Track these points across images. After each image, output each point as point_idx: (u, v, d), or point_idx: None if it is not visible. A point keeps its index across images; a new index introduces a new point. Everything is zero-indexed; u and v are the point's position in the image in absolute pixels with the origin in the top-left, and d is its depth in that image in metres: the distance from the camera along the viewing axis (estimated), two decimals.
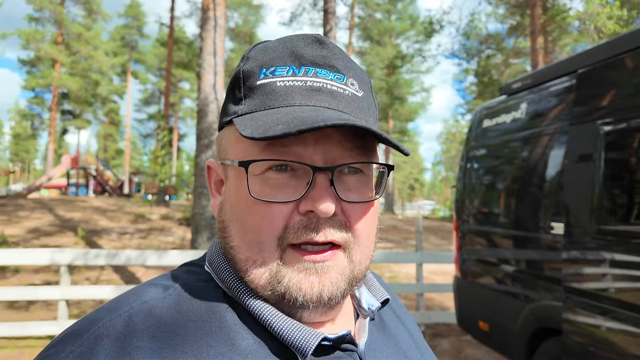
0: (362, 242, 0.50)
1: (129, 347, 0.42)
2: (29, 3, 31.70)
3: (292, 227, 0.47)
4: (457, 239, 3.92)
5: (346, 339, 0.50)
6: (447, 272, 9.42)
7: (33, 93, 38.09)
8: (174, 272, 0.56)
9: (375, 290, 0.61)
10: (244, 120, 0.49)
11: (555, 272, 2.65)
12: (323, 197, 0.46)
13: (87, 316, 0.47)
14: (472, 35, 18.89)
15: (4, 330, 4.21)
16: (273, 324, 0.48)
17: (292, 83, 0.50)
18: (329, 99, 0.50)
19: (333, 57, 0.52)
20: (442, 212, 35.22)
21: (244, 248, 0.49)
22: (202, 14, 6.37)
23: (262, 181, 0.48)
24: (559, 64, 2.93)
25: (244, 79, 0.52)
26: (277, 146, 0.47)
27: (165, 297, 0.49)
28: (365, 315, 0.58)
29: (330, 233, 0.47)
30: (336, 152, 0.48)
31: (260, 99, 0.50)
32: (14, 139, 56.41)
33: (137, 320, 0.45)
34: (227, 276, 0.52)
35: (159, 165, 15.26)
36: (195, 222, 6.18)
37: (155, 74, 41.26)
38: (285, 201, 0.47)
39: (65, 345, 0.43)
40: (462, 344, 4.87)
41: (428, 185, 77.61)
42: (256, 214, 0.47)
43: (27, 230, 10.57)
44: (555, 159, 2.80)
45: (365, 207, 0.51)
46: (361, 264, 0.51)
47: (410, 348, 0.62)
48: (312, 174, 0.46)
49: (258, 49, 0.54)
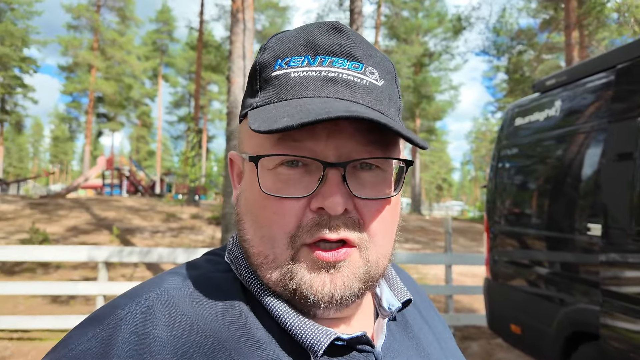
0: (377, 241, 0.48)
1: (145, 333, 0.43)
2: (67, 12, 33.23)
3: (305, 226, 0.45)
4: (488, 240, 3.84)
5: (361, 340, 0.49)
6: (477, 274, 9.22)
7: (71, 97, 39.86)
8: (196, 261, 0.57)
9: (398, 289, 0.59)
10: (255, 113, 0.47)
11: (592, 275, 2.56)
12: (333, 193, 0.44)
13: (109, 302, 0.48)
14: (503, 31, 18.37)
15: (48, 322, 4.44)
16: (285, 320, 0.47)
17: (306, 73, 0.48)
18: (344, 90, 0.47)
19: (351, 44, 0.49)
20: (472, 213, 34.42)
21: (256, 242, 0.48)
22: (232, 17, 6.49)
23: (274, 176, 0.47)
24: (597, 59, 2.83)
25: (260, 70, 0.51)
26: (289, 140, 0.46)
27: (184, 287, 0.49)
28: (385, 316, 0.56)
29: (342, 230, 0.45)
30: (349, 147, 0.46)
31: (274, 90, 0.49)
32: (54, 141, 59.22)
33: (155, 308, 0.46)
34: (243, 269, 0.52)
35: (189, 166, 15.63)
36: (225, 221, 6.31)
37: (185, 77, 42.31)
38: (296, 197, 0.46)
39: (88, 329, 0.44)
40: (492, 347, 4.77)
41: (457, 186, 76.04)
42: (268, 209, 0.47)
43: (67, 229, 11.08)
44: (591, 158, 2.70)
45: (381, 204, 0.48)
46: (378, 264, 0.49)
47: (434, 350, 0.59)
48: (323, 170, 0.45)
49: (276, 39, 0.53)
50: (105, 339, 0.43)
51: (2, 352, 4.23)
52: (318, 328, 0.46)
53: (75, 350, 0.42)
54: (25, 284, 4.56)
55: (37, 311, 5.49)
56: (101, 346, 0.42)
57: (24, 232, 10.07)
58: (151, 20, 40.92)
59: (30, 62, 36.06)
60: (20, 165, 60.92)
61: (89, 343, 0.43)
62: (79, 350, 0.42)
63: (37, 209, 13.14)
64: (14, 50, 32.72)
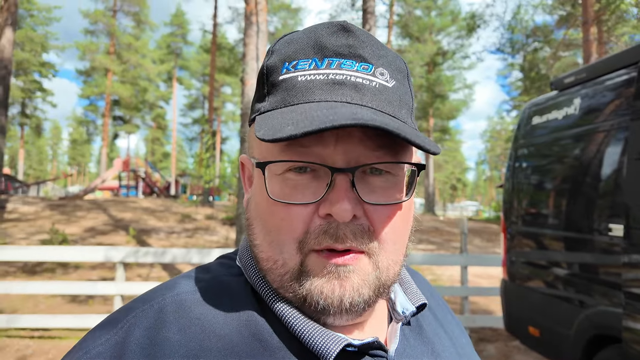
0: (387, 247, 0.47)
1: (158, 337, 0.43)
2: (85, 17, 33.97)
3: (313, 232, 0.45)
4: (505, 240, 3.78)
5: (374, 346, 0.48)
6: (493, 276, 9.09)
7: (88, 101, 40.73)
8: (208, 264, 0.57)
9: (412, 293, 0.57)
10: (262, 120, 0.46)
11: (614, 277, 2.50)
12: (341, 199, 0.43)
13: (124, 306, 0.49)
14: (518, 29, 18.09)
15: (67, 321, 4.53)
16: (295, 326, 0.46)
17: (313, 77, 0.47)
18: (352, 93, 0.46)
19: (360, 45, 0.48)
20: (487, 214, 33.97)
21: (265, 247, 0.48)
22: (245, 20, 6.54)
23: (282, 182, 0.46)
24: (618, 56, 2.76)
25: (267, 74, 0.50)
26: (296, 146, 0.45)
27: (196, 290, 0.49)
28: (399, 320, 0.55)
29: (349, 240, 0.44)
30: (358, 152, 0.45)
31: (281, 95, 0.48)
32: (72, 144, 60.52)
33: (167, 311, 0.46)
34: (252, 273, 0.52)
35: (203, 167, 15.81)
36: (239, 221, 6.36)
37: (199, 80, 42.81)
38: (304, 203, 0.45)
39: (102, 332, 0.45)
40: (509, 349, 4.69)
41: (471, 185, 75.15)
42: (276, 215, 0.46)
43: (85, 229, 11.30)
44: (612, 157, 2.64)
45: (392, 209, 0.47)
46: (389, 270, 0.48)
47: (449, 355, 0.57)
48: (331, 176, 0.44)
49: (283, 41, 0.51)
50: (119, 343, 0.43)
51: (23, 351, 4.33)
52: (328, 334, 0.46)
53: (90, 353, 0.43)
54: (45, 284, 4.67)
55: (57, 310, 5.62)
56: (115, 349, 0.43)
57: (44, 232, 10.32)
58: (166, 24, 41.53)
59: (49, 67, 36.97)
60: (40, 167, 62.44)
61: (104, 346, 0.43)
62: (94, 353, 0.43)
63: (56, 210, 13.45)
64: (33, 55, 33.59)
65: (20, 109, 38.71)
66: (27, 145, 54.51)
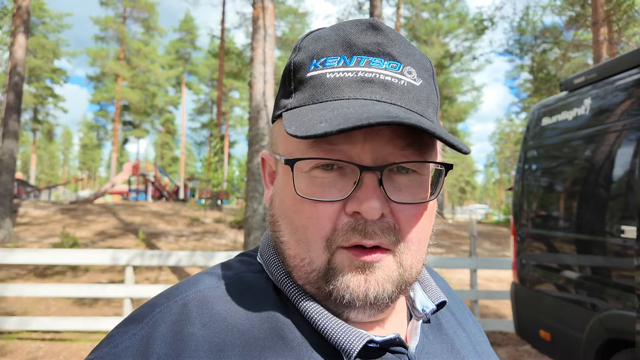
0: (412, 246, 0.47)
1: (182, 332, 0.44)
2: (95, 24, 34.49)
3: (341, 230, 0.45)
4: (515, 243, 3.74)
5: (395, 342, 0.48)
6: (503, 279, 8.99)
7: (99, 106, 41.27)
8: (230, 261, 0.57)
9: (432, 291, 0.58)
10: (291, 116, 0.47)
11: (627, 279, 2.46)
12: (369, 198, 0.43)
13: (148, 302, 0.50)
14: (527, 30, 17.97)
15: (78, 324, 4.58)
16: (318, 322, 0.47)
17: (342, 74, 0.47)
18: (382, 91, 0.46)
19: (389, 43, 0.48)
20: (496, 217, 33.65)
21: (292, 244, 0.48)
22: (253, 24, 6.59)
23: (309, 179, 0.46)
24: (628, 56, 2.72)
25: (295, 71, 0.50)
26: (324, 144, 0.45)
27: (219, 286, 0.50)
28: (419, 317, 0.55)
29: (378, 236, 0.45)
30: (386, 150, 0.45)
31: (309, 92, 0.48)
32: (82, 149, 61.34)
33: (191, 307, 0.47)
34: (275, 269, 0.52)
35: (212, 171, 15.90)
36: (247, 225, 6.37)
37: (207, 85, 43.15)
38: (331, 200, 0.45)
39: (128, 327, 0.46)
40: (520, 353, 4.63)
41: (480, 188, 74.55)
42: (302, 213, 0.46)
43: (95, 233, 11.42)
44: (624, 158, 2.60)
45: (418, 209, 0.47)
46: (412, 269, 0.48)
47: (468, 353, 0.57)
48: (359, 174, 0.44)
49: (310, 38, 0.52)
50: (145, 337, 0.44)
51: (34, 353, 4.38)
52: (351, 330, 0.46)
53: (117, 347, 0.44)
54: (56, 287, 4.72)
55: (67, 313, 5.67)
56: (141, 344, 0.44)
57: (55, 236, 10.45)
58: (174, 30, 41.99)
59: (61, 73, 37.56)
60: (51, 172, 63.32)
61: (130, 341, 0.44)
62: (121, 347, 0.44)
63: (67, 214, 13.61)
64: (45, 62, 34.16)
65: (32, 114, 39.34)
66: (39, 151, 55.34)
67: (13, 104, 9.86)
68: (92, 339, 4.78)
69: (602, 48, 12.69)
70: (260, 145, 6.36)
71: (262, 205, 6.30)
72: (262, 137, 6.41)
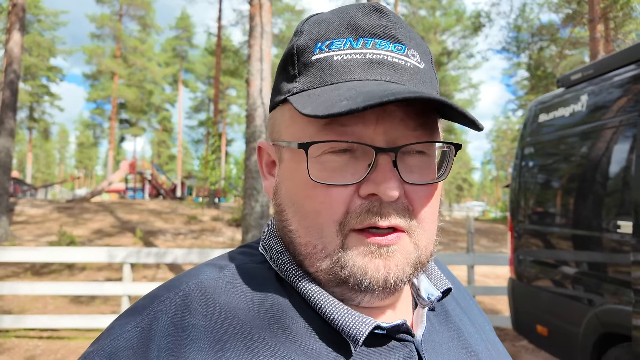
0: (426, 226, 0.48)
1: (183, 323, 0.44)
2: (91, 21, 34.30)
3: (354, 212, 0.44)
4: (512, 239, 3.75)
5: (401, 329, 0.47)
6: (500, 275, 9.04)
7: (95, 104, 41.11)
8: (230, 253, 0.56)
9: (437, 279, 0.57)
10: (301, 98, 0.46)
11: (624, 275, 2.47)
12: (387, 179, 0.43)
13: (148, 294, 0.49)
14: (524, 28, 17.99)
15: (75, 322, 4.57)
16: (325, 308, 0.46)
17: (350, 56, 0.46)
18: (391, 72, 0.46)
19: (393, 26, 0.48)
20: (494, 214, 33.77)
21: (302, 232, 0.47)
22: (250, 21, 6.57)
23: (320, 164, 0.45)
24: (624, 52, 2.74)
25: (298, 54, 0.49)
26: (336, 126, 0.44)
27: (220, 277, 0.49)
28: (424, 305, 0.54)
29: (393, 217, 0.44)
30: (398, 132, 0.45)
31: (316, 75, 0.47)
32: (79, 147, 61.11)
33: (192, 298, 0.46)
34: (280, 258, 0.51)
35: (209, 169, 15.87)
36: (245, 222, 6.37)
37: (204, 82, 43.05)
38: (346, 184, 0.44)
39: (129, 319, 0.45)
40: (517, 349, 4.65)
41: (477, 186, 74.75)
42: (315, 198, 0.45)
43: (92, 231, 11.39)
44: (620, 154, 2.61)
45: (429, 189, 0.48)
46: (427, 249, 0.48)
47: (476, 342, 0.56)
48: (374, 155, 0.44)
49: (312, 21, 0.51)
50: (145, 329, 0.44)
51: (32, 351, 4.37)
52: (358, 316, 0.45)
53: (117, 339, 0.44)
54: (54, 285, 4.71)
55: (65, 311, 5.66)
56: (141, 336, 0.43)
57: (52, 235, 10.41)
58: (171, 27, 41.82)
59: (57, 71, 37.37)
60: (48, 170, 63.08)
61: (130, 333, 0.44)
62: (122, 340, 0.43)
63: (64, 213, 13.56)
64: (41, 60, 33.97)
65: (28, 113, 39.15)
66: (35, 149, 55.09)
67: (9, 102, 9.80)
68: (90, 336, 4.78)
69: (598, 45, 12.72)
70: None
71: (259, 203, 6.30)
72: (260, 134, 6.40)
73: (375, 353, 0.46)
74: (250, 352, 0.43)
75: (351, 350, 0.45)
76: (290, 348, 0.44)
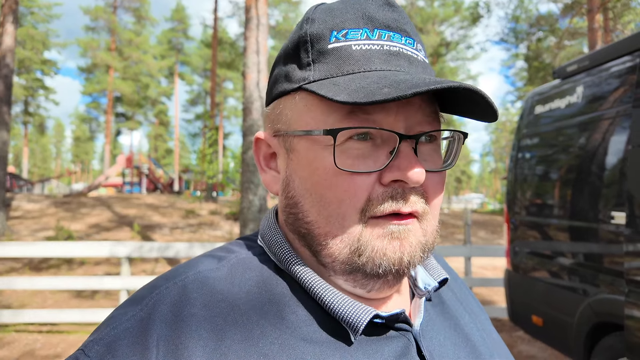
0: (434, 212, 0.49)
1: (183, 313, 0.44)
2: (85, 14, 33.93)
3: (376, 199, 0.45)
4: (509, 231, 3.78)
5: (400, 318, 0.48)
6: (498, 267, 9.10)
7: (90, 98, 40.82)
8: (229, 244, 0.57)
9: (433, 269, 0.58)
10: (324, 86, 0.45)
11: (617, 265, 2.50)
12: (413, 165, 0.44)
13: (147, 284, 0.50)
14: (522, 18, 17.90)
15: (74, 316, 4.59)
16: (325, 298, 0.47)
17: (368, 47, 0.47)
18: (407, 64, 0.47)
19: (404, 20, 0.49)
20: (492, 206, 33.90)
21: (322, 223, 0.47)
22: (245, 13, 6.51)
23: (343, 152, 0.45)
24: (620, 43, 2.73)
25: (312, 42, 0.48)
26: (360, 114, 0.44)
27: (219, 268, 0.50)
28: (421, 295, 0.55)
29: (414, 203, 0.46)
30: (416, 119, 0.46)
31: (335, 63, 0.47)
32: (75, 141, 60.79)
33: (191, 288, 0.46)
34: (279, 249, 0.51)
35: (206, 163, 15.84)
36: (243, 216, 6.38)
37: (200, 75, 42.75)
38: (369, 171, 0.45)
39: (128, 309, 0.46)
40: (513, 339, 4.71)
41: (476, 178, 74.92)
42: (338, 186, 0.45)
43: (89, 226, 11.39)
44: (615, 145, 2.62)
45: (441, 176, 0.49)
46: (432, 235, 0.50)
47: (472, 331, 0.57)
48: (397, 142, 0.44)
49: (322, 10, 0.50)
50: (144, 318, 0.44)
51: (32, 345, 4.39)
52: (358, 305, 0.46)
53: (117, 329, 0.44)
54: (53, 279, 4.72)
55: (64, 305, 5.68)
56: (141, 325, 0.43)
57: (49, 229, 10.41)
58: (166, 19, 41.41)
59: (51, 65, 37.03)
60: (44, 165, 62.80)
61: (130, 322, 0.44)
62: (121, 329, 0.44)
63: (61, 208, 13.54)
64: (35, 53, 33.64)
65: (23, 107, 38.86)
66: (31, 144, 54.80)
67: (3, 96, 9.72)
68: (90, 330, 4.80)
69: (597, 36, 12.69)
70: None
71: (257, 197, 6.30)
72: (257, 127, 6.38)
73: (374, 342, 0.47)
74: (249, 340, 0.43)
75: (351, 339, 0.45)
76: (290, 335, 0.44)
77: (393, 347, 0.47)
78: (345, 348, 0.45)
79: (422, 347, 0.49)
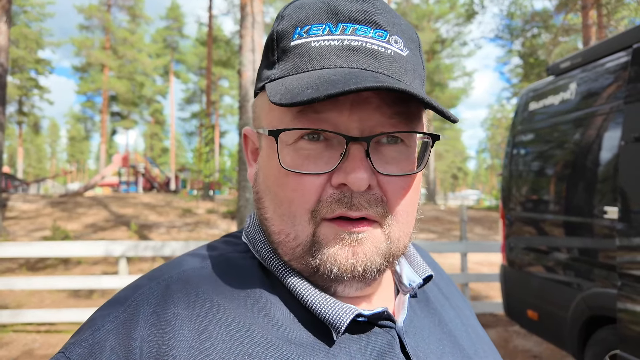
0: (400, 218, 0.47)
1: (166, 313, 0.43)
2: (79, 12, 33.67)
3: (325, 201, 0.44)
4: (504, 227, 3.81)
5: (383, 316, 0.48)
6: (494, 263, 9.15)
7: (85, 97, 40.55)
8: (214, 242, 0.56)
9: (418, 266, 0.57)
10: (275, 86, 0.45)
11: (610, 259, 2.53)
12: (356, 169, 0.42)
13: (130, 284, 0.49)
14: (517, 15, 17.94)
15: (72, 316, 4.58)
16: (306, 297, 0.46)
17: (327, 43, 0.45)
18: (368, 60, 0.45)
19: (375, 11, 0.47)
20: (488, 202, 34.04)
21: (277, 220, 0.47)
22: (241, 11, 6.51)
23: (294, 151, 0.45)
24: (612, 40, 2.76)
25: (278, 40, 0.48)
26: (310, 113, 0.43)
27: (203, 267, 0.49)
28: (406, 292, 0.55)
29: (364, 208, 0.44)
30: (374, 120, 0.44)
31: (293, 61, 0.46)
32: (70, 141, 60.47)
33: (174, 288, 0.46)
34: (262, 247, 0.51)
35: (203, 162, 15.81)
36: (240, 215, 6.38)
37: (196, 73, 42.57)
38: (318, 173, 0.44)
39: (110, 310, 0.45)
40: (509, 334, 4.75)
41: (472, 174, 75.12)
42: (287, 186, 0.45)
43: (85, 226, 11.35)
44: (608, 141, 2.65)
45: (405, 181, 0.46)
46: (399, 241, 0.48)
47: (455, 327, 0.57)
48: (345, 145, 0.43)
49: (294, 6, 0.49)
50: (127, 320, 0.43)
51: (30, 345, 4.39)
52: (339, 305, 0.46)
53: (99, 330, 0.43)
54: (50, 279, 4.71)
55: (62, 305, 5.67)
56: (124, 326, 0.43)
57: (45, 229, 10.37)
58: (161, 18, 41.16)
59: (45, 64, 36.75)
60: (39, 165, 62.43)
61: (112, 324, 0.43)
62: (103, 330, 0.43)
63: (57, 208, 13.49)
64: (28, 52, 33.36)
65: (17, 107, 38.57)
66: (26, 144, 54.44)
67: None
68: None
69: (591, 32, 12.74)
70: None
71: None
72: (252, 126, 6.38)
73: (357, 340, 0.46)
74: (234, 340, 0.42)
75: (333, 338, 0.45)
76: (274, 335, 0.44)
77: (376, 345, 0.47)
78: (328, 348, 0.45)
79: (406, 343, 0.49)
